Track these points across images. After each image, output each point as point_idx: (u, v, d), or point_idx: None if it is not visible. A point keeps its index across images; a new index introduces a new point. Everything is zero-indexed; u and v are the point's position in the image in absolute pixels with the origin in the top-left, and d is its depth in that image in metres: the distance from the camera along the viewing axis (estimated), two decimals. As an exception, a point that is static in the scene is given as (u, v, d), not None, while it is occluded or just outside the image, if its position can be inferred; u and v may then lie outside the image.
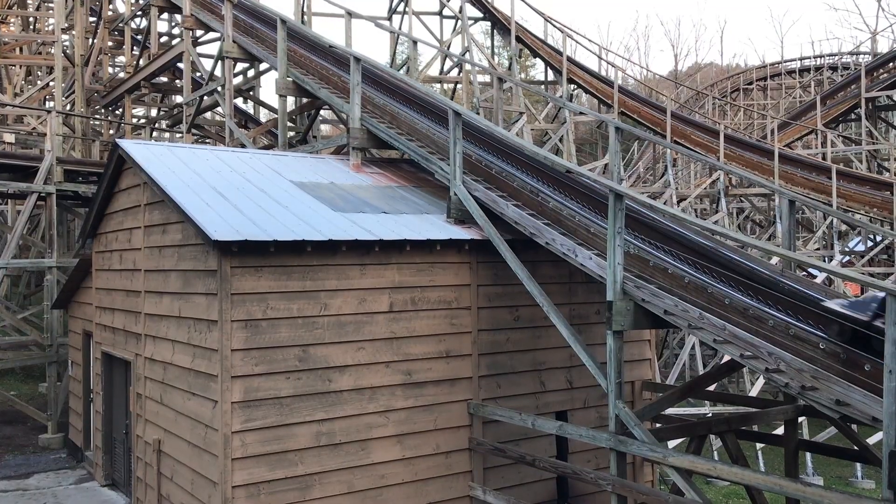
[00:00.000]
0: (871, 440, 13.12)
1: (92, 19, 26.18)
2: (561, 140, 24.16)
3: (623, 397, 8.09)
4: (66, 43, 24.75)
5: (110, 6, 25.54)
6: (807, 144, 36.21)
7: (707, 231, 9.77)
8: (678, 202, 24.23)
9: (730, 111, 43.27)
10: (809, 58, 45.57)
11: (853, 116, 34.05)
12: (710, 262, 8.74)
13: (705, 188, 25.02)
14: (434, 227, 9.85)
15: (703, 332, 7.42)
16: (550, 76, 28.19)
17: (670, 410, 11.95)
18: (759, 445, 16.98)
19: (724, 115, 42.21)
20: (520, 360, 10.23)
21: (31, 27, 27.69)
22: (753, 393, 17.48)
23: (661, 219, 10.15)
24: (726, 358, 9.61)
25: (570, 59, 27.30)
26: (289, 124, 16.01)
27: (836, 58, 44.24)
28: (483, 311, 9.92)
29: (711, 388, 13.32)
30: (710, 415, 16.21)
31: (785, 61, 47.31)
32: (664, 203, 22.10)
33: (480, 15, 26.62)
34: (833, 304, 7.42)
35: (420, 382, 9.35)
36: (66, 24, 24.16)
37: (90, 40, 24.72)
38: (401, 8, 25.38)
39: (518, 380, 10.21)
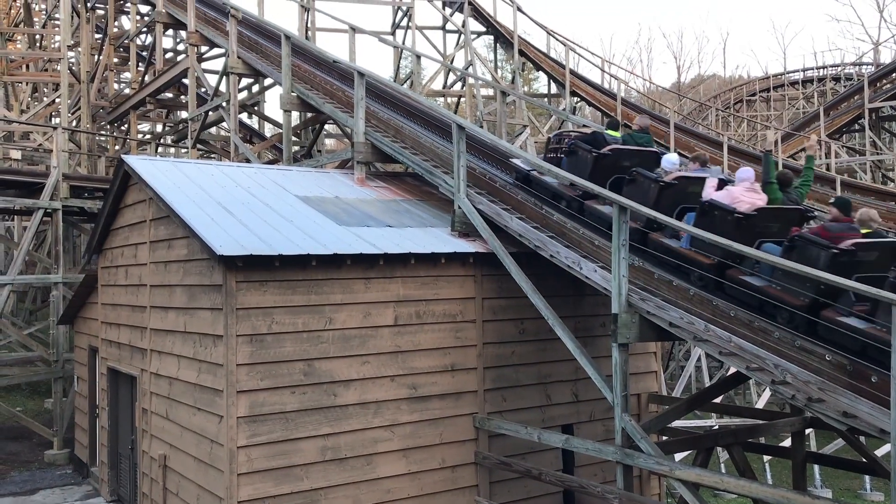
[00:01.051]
0: (880, 452, 13.04)
1: (97, 36, 26.37)
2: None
3: (629, 410, 8.08)
4: (72, 60, 24.94)
5: (116, 23, 25.73)
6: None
7: (712, 242, 9.75)
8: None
9: (733, 122, 43.32)
10: (812, 69, 45.63)
11: (857, 127, 34.06)
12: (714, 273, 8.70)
13: (709, 200, 24.89)
14: (438, 240, 9.87)
15: (709, 345, 7.41)
16: (554, 89, 28.28)
17: (676, 423, 11.90)
18: (766, 458, 16.88)
19: (727, 127, 42.26)
20: (525, 373, 10.22)
21: (38, 44, 27.89)
22: (760, 405, 17.40)
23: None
24: (732, 370, 9.59)
25: (572, 72, 27.42)
26: (293, 139, 16.09)
27: (839, 69, 44.29)
28: (488, 325, 9.92)
29: (718, 400, 13.23)
30: (716, 427, 16.13)
31: (788, 72, 47.37)
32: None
33: (483, 29, 26.76)
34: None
35: (425, 396, 9.34)
36: (72, 42, 24.34)
37: (96, 57, 24.88)
38: (404, 23, 25.52)
39: (524, 393, 10.20)
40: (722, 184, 9.02)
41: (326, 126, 19.52)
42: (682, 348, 24.46)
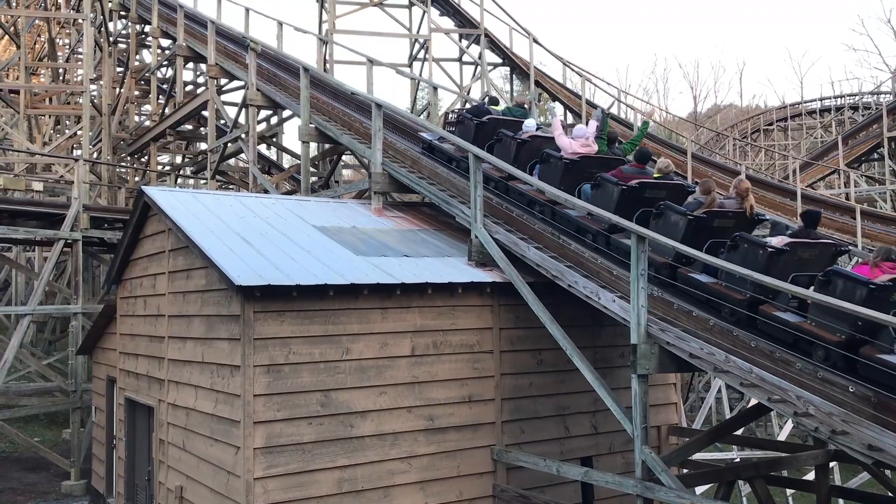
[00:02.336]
0: (906, 486, 12.75)
1: (119, 69, 26.81)
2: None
3: (649, 442, 7.97)
4: (94, 93, 25.34)
5: (137, 57, 26.15)
6: (829, 184, 36.04)
7: (730, 272, 9.67)
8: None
9: (751, 152, 43.24)
10: (830, 98, 45.55)
11: (876, 156, 33.88)
12: (734, 305, 8.63)
13: (728, 229, 24.80)
14: (455, 269, 9.85)
15: (730, 376, 7.31)
16: (570, 119, 28.36)
17: (697, 455, 11.71)
18: (789, 491, 16.58)
19: (745, 156, 42.17)
20: (543, 404, 10.12)
21: (61, 78, 28.38)
22: (782, 437, 17.14)
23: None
24: (753, 401, 9.46)
25: (588, 102, 27.48)
26: (311, 169, 16.19)
27: (857, 97, 44.20)
28: (506, 355, 9.86)
29: (739, 432, 13.08)
30: (738, 460, 15.89)
31: (805, 102, 47.33)
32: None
33: (500, 60, 26.95)
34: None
35: (442, 428, 9.26)
36: (95, 75, 24.76)
37: (117, 90, 25.27)
38: (421, 55, 25.76)
39: (542, 425, 10.09)
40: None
41: (344, 157, 19.66)
42: (702, 379, 24.19)
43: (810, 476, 12.04)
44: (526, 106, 14.36)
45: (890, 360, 6.81)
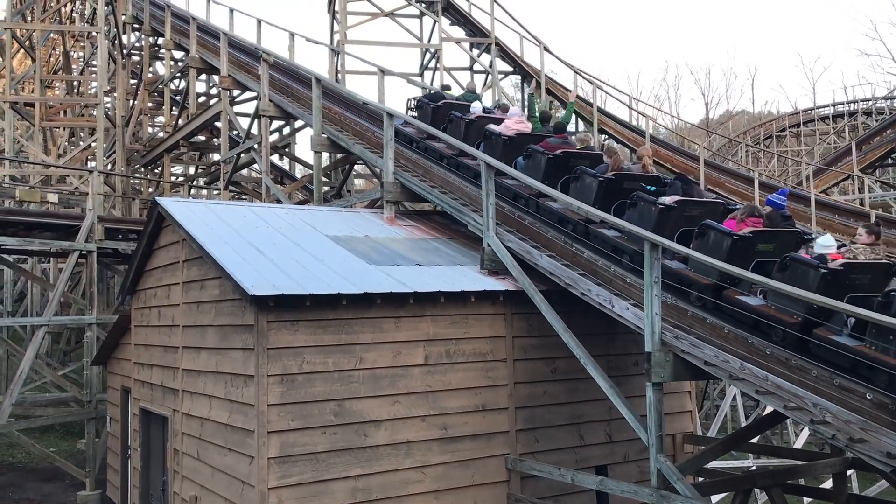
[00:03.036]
0: (925, 494, 12.63)
1: (133, 81, 27.00)
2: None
3: (664, 451, 7.92)
4: (108, 105, 25.53)
5: (150, 69, 26.35)
6: (843, 190, 35.83)
7: (748, 280, 9.62)
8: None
9: (763, 158, 43.06)
10: (843, 103, 45.34)
11: (890, 161, 33.66)
12: (750, 311, 8.58)
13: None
14: (468, 278, 9.85)
15: (745, 383, 7.27)
16: (581, 127, 28.35)
17: (713, 464, 11.65)
18: (806, 500, 16.41)
19: (757, 163, 42.00)
20: (558, 413, 10.09)
21: (76, 91, 28.63)
22: (798, 445, 17.00)
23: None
24: (769, 409, 9.39)
25: (600, 110, 27.46)
26: (323, 179, 16.24)
27: (870, 103, 43.96)
28: (519, 364, 9.84)
29: (755, 439, 12.98)
30: (754, 468, 15.76)
31: (818, 107, 47.11)
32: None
33: (510, 69, 26.95)
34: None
35: (456, 437, 9.24)
36: (109, 87, 24.96)
37: (131, 102, 25.46)
38: (432, 64, 25.82)
39: (556, 434, 10.06)
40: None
41: (356, 166, 19.70)
42: (717, 387, 24.05)
43: (828, 484, 11.92)
44: (478, 91, 17.13)
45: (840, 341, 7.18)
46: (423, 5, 25.37)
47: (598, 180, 10.49)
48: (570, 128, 16.25)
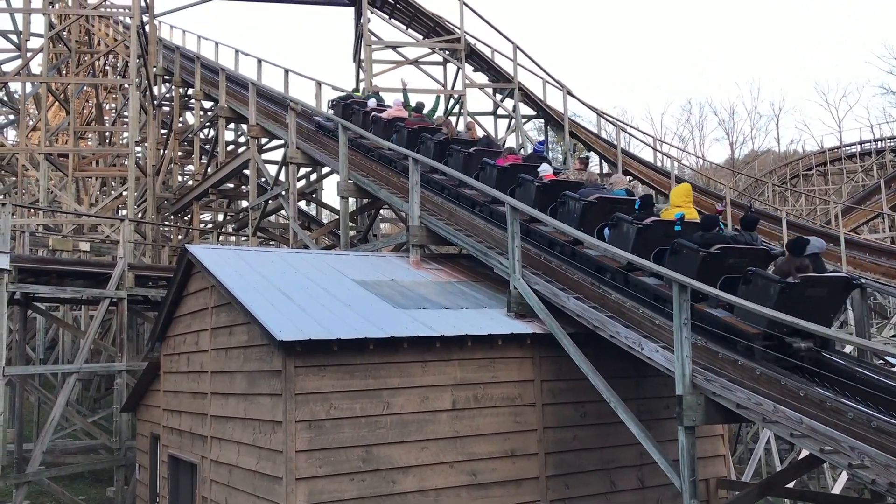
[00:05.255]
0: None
1: (163, 131, 27.60)
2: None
3: (698, 496, 7.76)
4: (139, 154, 26.05)
5: (180, 119, 26.93)
6: (873, 228, 35.39)
7: (776, 320, 9.50)
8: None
9: (790, 198, 42.73)
10: (870, 141, 45.02)
11: (920, 199, 33.21)
12: (780, 353, 8.45)
13: (771, 276, 24.45)
14: (495, 321, 9.81)
15: (779, 426, 7.12)
16: (605, 169, 28.39)
17: (749, 510, 11.36)
18: (846, 547, 15.92)
19: (784, 202, 41.68)
20: (588, 458, 9.93)
21: (108, 141, 29.27)
22: (836, 490, 16.54)
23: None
24: (804, 453, 9.19)
25: (624, 152, 27.53)
26: (350, 224, 16.38)
27: (898, 140, 43.61)
28: (548, 408, 9.73)
29: (791, 484, 12.64)
30: (791, 514, 15.34)
31: (844, 146, 46.77)
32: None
33: (534, 113, 27.18)
34: None
35: (486, 483, 9.12)
36: (140, 137, 25.48)
37: (161, 151, 25.98)
38: (456, 109, 26.10)
39: (587, 479, 9.89)
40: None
41: (381, 210, 19.86)
42: (750, 430, 23.58)
43: (868, 531, 11.57)
44: (381, 94, 20.83)
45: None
46: (447, 53, 25.75)
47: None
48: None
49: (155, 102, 25.66)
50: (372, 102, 18.72)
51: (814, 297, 8.60)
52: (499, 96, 26.80)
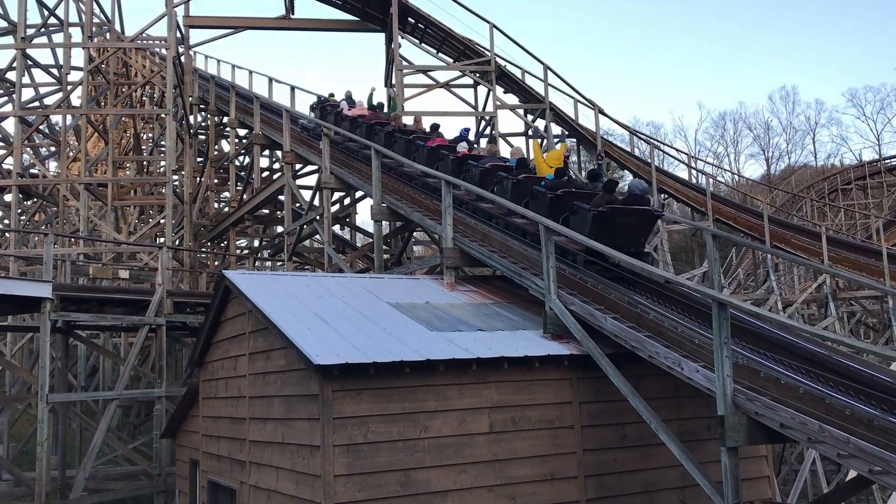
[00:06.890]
0: None
1: (199, 159, 28.00)
2: (655, 249, 23.87)
3: (743, 519, 7.58)
4: (176, 182, 26.46)
5: (216, 147, 27.32)
6: (917, 242, 34.61)
7: (818, 338, 9.33)
8: (783, 308, 23.34)
9: (829, 212, 42.04)
10: (910, 153, 44.20)
11: (964, 211, 32.48)
12: (824, 370, 8.29)
13: (811, 293, 24.08)
14: (531, 343, 9.74)
15: (825, 446, 6.95)
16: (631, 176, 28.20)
17: (796, 533, 11.10)
18: (899, 571, 15.44)
19: (823, 217, 41.00)
20: (629, 481, 9.77)
21: (146, 170, 29.79)
22: (887, 511, 16.10)
23: (769, 327, 9.76)
24: (852, 473, 8.95)
25: (658, 169, 27.31)
26: (384, 247, 16.44)
27: (939, 152, 42.76)
28: (587, 430, 9.60)
29: (839, 506, 12.31)
30: (840, 537, 14.93)
31: (884, 159, 46.01)
32: (769, 310, 21.30)
33: (566, 132, 27.12)
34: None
35: (525, 506, 9.01)
36: (177, 166, 25.92)
37: (198, 179, 26.35)
38: (487, 131, 26.16)
39: (628, 502, 9.71)
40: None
41: (415, 233, 19.92)
42: (795, 451, 23.07)
43: (921, 554, 11.20)
44: (354, 98, 22.93)
45: None
46: (478, 75, 25.86)
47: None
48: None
49: (191, 131, 26.08)
50: (344, 105, 22.26)
51: (624, 224, 11.40)
52: (530, 117, 26.82)
